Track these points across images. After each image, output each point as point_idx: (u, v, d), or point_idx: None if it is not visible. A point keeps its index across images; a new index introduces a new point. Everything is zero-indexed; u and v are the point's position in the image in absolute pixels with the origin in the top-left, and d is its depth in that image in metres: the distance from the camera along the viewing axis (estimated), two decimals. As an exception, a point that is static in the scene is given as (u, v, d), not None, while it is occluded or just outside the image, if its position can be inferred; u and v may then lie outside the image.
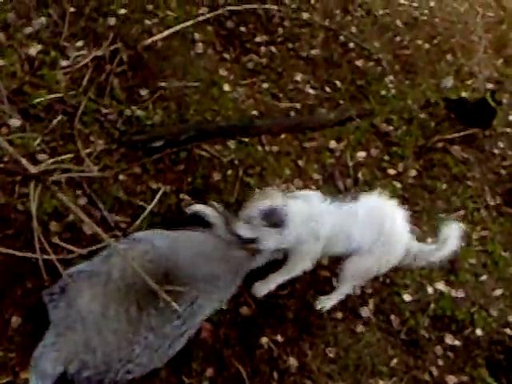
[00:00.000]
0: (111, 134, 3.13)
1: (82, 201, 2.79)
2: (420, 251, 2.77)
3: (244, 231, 2.56)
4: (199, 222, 2.71)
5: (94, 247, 2.43)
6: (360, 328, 2.88)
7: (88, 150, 2.98)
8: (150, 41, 3.59)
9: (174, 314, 2.29)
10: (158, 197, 2.98)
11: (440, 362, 2.93)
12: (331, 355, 2.75)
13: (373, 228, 2.65)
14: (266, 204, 2.53)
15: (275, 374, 2.58)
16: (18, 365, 2.26)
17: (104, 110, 3.21)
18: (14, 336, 2.34)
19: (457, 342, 3.01)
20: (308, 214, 2.59)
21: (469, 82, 4.46)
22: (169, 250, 2.45)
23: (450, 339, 3.01)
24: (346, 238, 2.65)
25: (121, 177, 3.00)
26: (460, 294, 3.20)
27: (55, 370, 2.15)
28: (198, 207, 2.78)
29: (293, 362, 2.64)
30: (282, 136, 3.56)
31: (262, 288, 2.77)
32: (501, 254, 3.46)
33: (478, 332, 3.07)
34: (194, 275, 2.41)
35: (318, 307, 2.86)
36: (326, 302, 2.87)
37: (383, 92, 4.13)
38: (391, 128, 3.91)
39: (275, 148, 3.48)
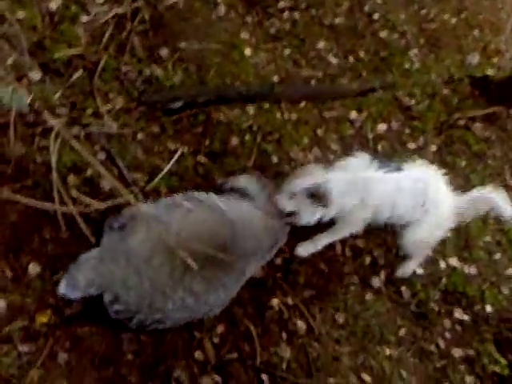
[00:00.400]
0: (130, 93, 3.12)
1: (101, 157, 2.80)
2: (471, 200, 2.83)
3: (286, 204, 2.62)
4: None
5: (111, 202, 2.43)
6: (370, 297, 2.90)
7: (107, 107, 2.98)
8: (171, 1, 3.54)
9: (219, 285, 2.34)
10: (175, 157, 2.98)
11: (447, 335, 2.95)
12: (340, 321, 2.78)
13: (417, 199, 2.70)
14: (310, 181, 2.58)
15: (284, 335, 2.62)
16: (34, 310, 2.31)
17: (124, 68, 3.20)
18: (30, 282, 2.39)
19: (466, 317, 3.02)
20: (353, 183, 2.62)
21: (495, 60, 4.35)
22: (228, 219, 2.45)
23: (459, 314, 3.02)
24: (390, 206, 2.69)
25: (139, 135, 3.00)
26: (472, 270, 3.19)
27: (86, 288, 2.22)
28: (242, 179, 2.78)
29: (302, 324, 2.68)
30: (302, 104, 3.52)
31: (308, 248, 2.84)
32: (518, 233, 3.43)
33: (488, 308, 3.08)
34: (245, 248, 2.44)
35: (400, 274, 2.97)
36: (406, 269, 2.97)
37: (407, 65, 4.04)
38: (413, 102, 3.85)
39: (294, 116, 3.45)
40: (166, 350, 2.41)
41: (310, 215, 2.62)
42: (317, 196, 2.56)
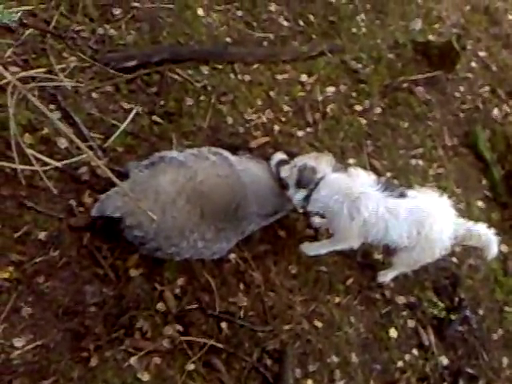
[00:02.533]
0: (84, 52, 3.09)
1: (56, 116, 2.78)
2: (468, 230, 2.86)
3: (282, 172, 2.80)
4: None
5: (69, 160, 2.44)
6: (320, 250, 3.06)
7: (61, 66, 2.95)
8: (123, -41, 3.48)
9: (224, 237, 2.63)
10: (130, 116, 3.00)
11: (391, 284, 3.17)
12: (293, 272, 2.94)
13: (411, 228, 2.73)
14: (307, 162, 2.72)
15: (241, 286, 2.76)
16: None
17: (77, 27, 3.16)
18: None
19: (407, 268, 3.25)
20: (348, 190, 2.67)
21: (436, 26, 4.56)
22: (243, 180, 2.68)
23: (401, 264, 3.24)
24: (383, 229, 2.72)
25: (93, 95, 2.99)
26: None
27: (113, 213, 2.46)
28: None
29: (258, 276, 2.82)
30: (255, 66, 3.60)
31: (313, 249, 2.98)
32: (454, 190, 3.69)
33: (427, 259, 3.32)
34: (251, 210, 2.70)
35: (380, 281, 3.12)
36: (384, 277, 3.12)
37: (354, 30, 4.18)
38: (360, 66, 4.00)
39: (248, 77, 3.53)
40: (129, 302, 2.48)
41: (293, 192, 2.75)
42: (301, 178, 2.69)
